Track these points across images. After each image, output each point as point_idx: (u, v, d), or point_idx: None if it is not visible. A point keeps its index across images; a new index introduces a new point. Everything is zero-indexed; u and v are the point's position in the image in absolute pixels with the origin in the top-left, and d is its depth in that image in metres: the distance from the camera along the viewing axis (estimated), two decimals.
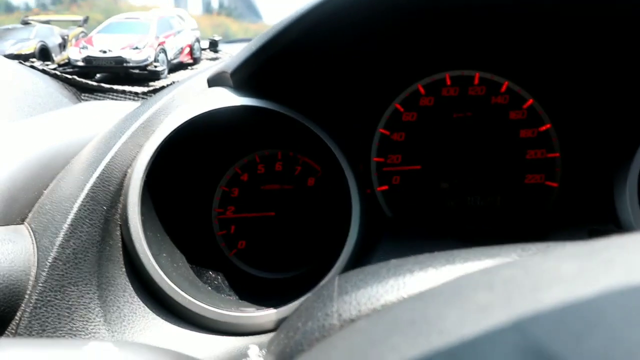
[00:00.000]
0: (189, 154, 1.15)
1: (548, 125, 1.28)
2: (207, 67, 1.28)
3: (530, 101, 1.29)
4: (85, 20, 14.10)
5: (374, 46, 1.19)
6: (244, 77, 1.05)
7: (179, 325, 0.93)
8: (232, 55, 1.15)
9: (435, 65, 1.31)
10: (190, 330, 0.93)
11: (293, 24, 0.96)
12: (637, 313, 0.27)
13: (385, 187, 1.32)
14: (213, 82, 1.13)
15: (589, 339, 0.26)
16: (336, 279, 0.57)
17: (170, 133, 1.01)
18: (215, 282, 1.13)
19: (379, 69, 1.29)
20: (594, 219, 1.15)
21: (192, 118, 1.02)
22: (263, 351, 0.55)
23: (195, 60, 10.83)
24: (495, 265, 0.36)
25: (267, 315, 0.95)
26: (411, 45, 1.23)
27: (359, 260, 1.06)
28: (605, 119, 1.23)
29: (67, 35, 12.13)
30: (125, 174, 0.99)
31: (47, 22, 12.60)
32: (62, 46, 11.66)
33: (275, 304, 0.97)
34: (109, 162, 0.97)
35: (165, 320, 0.93)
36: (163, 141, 1.00)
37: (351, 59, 1.22)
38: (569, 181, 1.27)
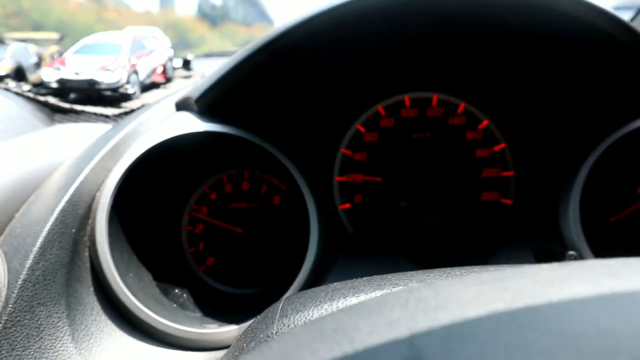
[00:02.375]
0: (156, 176, 1.18)
1: (503, 145, 1.35)
2: (179, 89, 1.32)
3: (486, 122, 1.35)
4: (61, 39, 14.03)
5: (336, 70, 1.25)
6: (207, 103, 1.10)
7: (145, 342, 0.97)
8: (203, 73, 1.20)
9: (394, 87, 1.37)
10: (156, 346, 0.97)
11: (255, 52, 1.01)
12: (506, 335, 0.32)
13: (347, 205, 1.37)
14: (180, 106, 1.18)
15: (459, 354, 0.31)
16: (282, 301, 0.62)
17: (137, 158, 1.05)
18: (181, 300, 1.17)
19: (340, 91, 1.34)
20: (541, 236, 1.20)
21: (158, 144, 1.06)
22: None
23: (168, 80, 10.86)
24: (420, 285, 0.41)
25: (229, 331, 0.99)
26: (372, 67, 1.29)
27: (319, 275, 1.10)
28: (555, 139, 1.30)
29: (43, 54, 12.04)
30: (94, 198, 1.03)
31: (23, 40, 12.50)
32: (38, 65, 11.57)
33: (237, 320, 1.01)
34: (78, 186, 1.00)
35: (132, 337, 0.97)
36: (130, 166, 1.04)
37: (313, 81, 1.28)
38: (522, 199, 1.33)
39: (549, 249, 1.15)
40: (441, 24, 1.09)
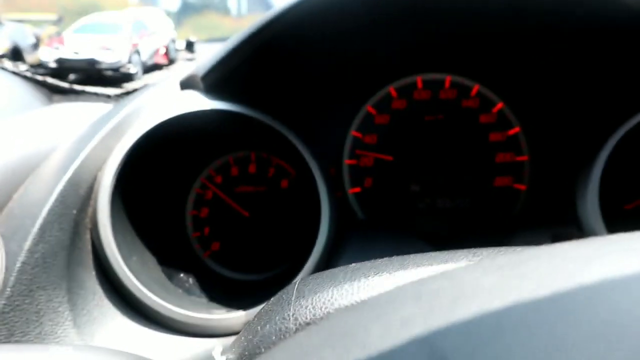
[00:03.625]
0: (160, 157, 1.14)
1: (517, 129, 1.31)
2: (181, 69, 1.27)
3: (500, 105, 1.31)
4: (60, 19, 13.89)
5: (346, 49, 1.20)
6: (214, 80, 1.06)
7: (148, 328, 0.93)
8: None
9: (407, 68, 1.33)
10: (160, 332, 0.93)
11: (264, 27, 0.97)
12: (535, 327, 0.28)
13: (357, 189, 1.33)
14: (185, 85, 1.13)
15: (485, 352, 0.27)
16: (296, 283, 0.58)
17: (141, 136, 1.00)
18: (187, 284, 1.13)
19: (351, 71, 1.30)
20: (559, 222, 1.17)
21: (163, 122, 1.02)
22: (228, 354, 0.55)
23: (171, 61, 10.74)
24: (429, 276, 0.37)
25: (236, 317, 0.95)
26: (383, 48, 1.24)
27: (330, 261, 1.07)
28: (571, 123, 1.26)
29: (40, 35, 11.93)
30: (96, 177, 0.99)
31: (20, 20, 12.38)
32: (35, 46, 11.46)
33: (245, 305, 0.98)
34: (79, 165, 0.96)
35: (135, 322, 0.93)
36: (134, 144, 1.00)
37: (323, 61, 1.23)
38: (537, 184, 1.30)
39: (568, 234, 1.11)
40: (456, 5, 1.04)
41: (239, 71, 1.05)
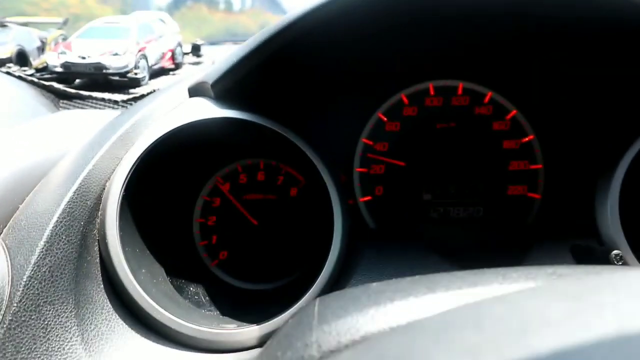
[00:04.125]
0: (169, 166, 1.12)
1: (531, 137, 1.28)
2: (189, 74, 1.26)
3: (514, 112, 1.29)
4: (65, 22, 13.91)
5: (358, 56, 1.18)
6: (224, 88, 1.04)
7: (158, 343, 0.91)
8: (214, 59, 1.13)
9: (418, 75, 1.31)
10: (170, 347, 0.91)
11: (275, 35, 0.95)
12: None
13: (368, 198, 1.31)
14: (194, 92, 1.11)
15: None
16: (316, 303, 0.55)
17: (150, 145, 0.98)
18: (196, 297, 1.11)
19: (362, 78, 1.28)
20: (576, 234, 1.14)
21: (172, 130, 1.00)
22: None
23: (177, 66, 10.71)
24: (482, 301, 0.35)
25: (248, 332, 0.93)
26: (395, 54, 1.22)
27: (342, 271, 1.04)
28: (588, 132, 1.23)
29: (46, 38, 11.94)
30: (104, 188, 0.97)
31: (25, 24, 12.40)
32: (41, 49, 11.46)
33: (257, 319, 0.95)
34: (86, 175, 0.94)
35: (145, 337, 0.91)
36: (142, 154, 0.98)
37: (334, 69, 1.21)
38: (552, 193, 1.27)
39: (590, 248, 1.08)
40: (469, 11, 1.02)
41: (249, 79, 1.03)
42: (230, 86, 1.04)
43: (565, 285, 0.34)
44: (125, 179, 0.96)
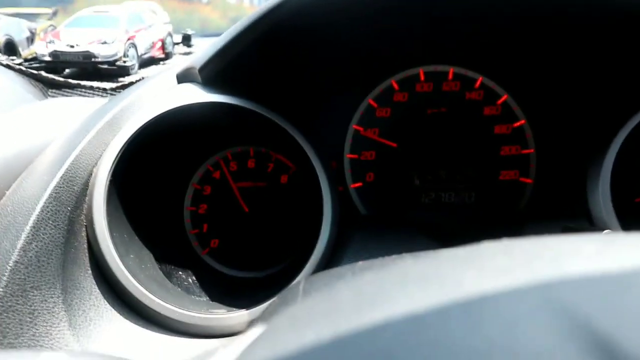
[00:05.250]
0: (157, 152, 1.12)
1: (522, 121, 1.28)
2: (178, 62, 1.25)
3: (505, 97, 1.29)
4: (55, 13, 13.79)
5: (348, 40, 1.17)
6: (212, 72, 1.03)
7: (147, 328, 0.91)
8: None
9: (408, 60, 1.30)
10: (159, 333, 0.91)
11: (262, 18, 0.94)
12: None
13: (359, 184, 1.30)
14: (182, 78, 1.10)
15: (622, 297, 0.25)
16: (302, 282, 0.55)
17: (137, 130, 0.97)
18: (186, 283, 1.10)
19: (352, 64, 1.27)
20: (568, 216, 1.15)
21: (160, 115, 0.99)
22: None
23: (168, 55, 10.65)
24: (509, 241, 0.35)
25: (238, 316, 0.93)
26: (384, 40, 1.21)
27: (332, 258, 1.04)
28: (579, 115, 1.23)
29: (35, 29, 11.83)
30: (91, 173, 0.96)
31: (15, 15, 12.28)
32: (30, 40, 11.36)
33: (247, 304, 0.95)
34: (73, 160, 0.93)
35: (133, 323, 0.90)
36: (130, 139, 0.97)
37: (324, 53, 1.20)
38: (544, 177, 1.27)
39: (580, 228, 1.09)
40: None
41: (237, 63, 1.02)
42: (218, 71, 1.03)
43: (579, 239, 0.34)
44: (113, 164, 0.95)
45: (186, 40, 7.79)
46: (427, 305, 0.28)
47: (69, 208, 0.90)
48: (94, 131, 0.99)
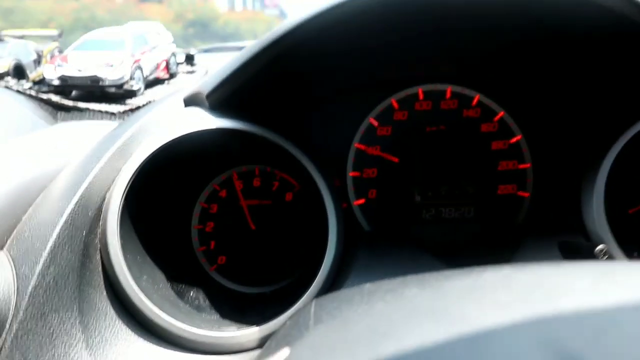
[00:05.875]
0: (166, 175, 1.15)
1: (519, 137, 1.31)
2: (184, 84, 1.28)
3: (501, 114, 1.32)
4: (60, 35, 13.90)
5: (348, 63, 1.21)
6: (219, 98, 1.07)
7: (161, 346, 0.94)
8: (207, 68, 1.16)
9: (408, 80, 1.34)
10: (173, 350, 0.94)
11: (270, 46, 0.98)
12: None
13: (362, 201, 1.34)
14: (189, 102, 1.14)
15: (607, 336, 0.28)
16: (312, 305, 0.58)
17: (148, 157, 1.01)
18: (197, 302, 1.14)
19: (352, 84, 1.31)
20: (564, 230, 1.17)
21: (169, 142, 1.03)
22: None
23: (172, 75, 10.71)
24: (509, 270, 0.38)
25: (248, 334, 0.96)
26: (384, 60, 1.25)
27: (339, 273, 1.08)
28: (573, 130, 1.27)
29: (42, 51, 11.93)
30: (104, 198, 1.00)
31: (21, 37, 12.39)
32: (37, 62, 11.45)
33: (256, 321, 0.98)
34: (87, 186, 0.97)
35: (148, 342, 0.94)
36: (140, 165, 1.01)
37: (327, 76, 1.25)
38: (541, 191, 1.30)
39: (577, 244, 1.11)
40: (457, 16, 1.05)
41: (243, 89, 1.06)
42: (224, 97, 1.07)
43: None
44: (125, 189, 0.99)
45: (189, 59, 7.85)
46: (434, 340, 0.31)
47: (84, 232, 0.94)
48: (106, 157, 1.03)
